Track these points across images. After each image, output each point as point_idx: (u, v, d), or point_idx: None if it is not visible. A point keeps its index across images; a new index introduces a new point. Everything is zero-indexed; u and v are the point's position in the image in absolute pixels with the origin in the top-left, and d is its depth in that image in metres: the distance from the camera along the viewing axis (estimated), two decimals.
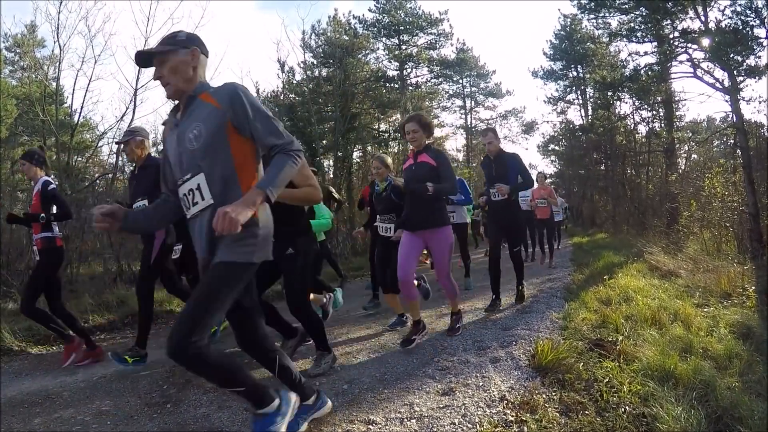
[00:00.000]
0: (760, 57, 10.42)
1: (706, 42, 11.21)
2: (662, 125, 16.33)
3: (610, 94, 16.57)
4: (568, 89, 22.64)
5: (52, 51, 11.72)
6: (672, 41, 12.68)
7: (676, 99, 15.57)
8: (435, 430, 2.06)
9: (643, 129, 17.47)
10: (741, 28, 10.38)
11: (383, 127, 17.76)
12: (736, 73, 10.66)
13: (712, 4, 11.19)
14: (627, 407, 2.13)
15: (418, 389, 2.52)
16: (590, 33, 19.39)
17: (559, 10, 25.58)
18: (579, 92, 22.34)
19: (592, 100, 20.76)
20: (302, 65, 14.93)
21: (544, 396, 2.32)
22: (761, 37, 10.28)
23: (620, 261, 7.05)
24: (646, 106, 16.22)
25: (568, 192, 22.13)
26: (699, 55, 11.86)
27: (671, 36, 12.75)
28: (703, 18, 11.42)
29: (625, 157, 17.82)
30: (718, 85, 11.27)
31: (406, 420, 2.16)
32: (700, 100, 28.61)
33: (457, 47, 22.69)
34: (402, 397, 2.44)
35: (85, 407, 2.58)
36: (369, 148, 16.96)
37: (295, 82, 14.31)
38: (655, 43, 13.47)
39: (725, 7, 11.50)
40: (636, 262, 6.64)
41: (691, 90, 41.05)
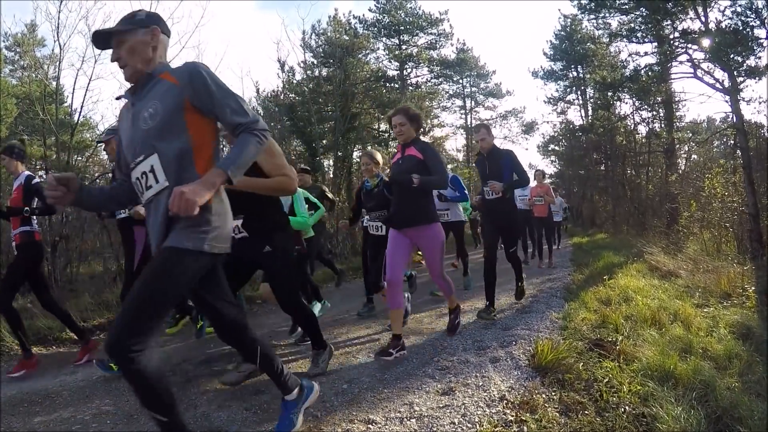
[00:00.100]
0: (760, 57, 10.42)
1: (706, 42, 11.21)
2: (662, 126, 16.33)
3: (610, 94, 16.55)
4: (568, 89, 22.65)
5: (52, 50, 11.76)
6: (672, 42, 12.68)
7: (677, 99, 15.59)
8: (435, 429, 2.06)
9: (643, 129, 17.50)
10: (741, 28, 10.38)
11: (383, 127, 17.72)
12: (736, 73, 10.65)
13: (713, 4, 11.19)
14: (627, 407, 2.13)
15: (418, 389, 2.53)
16: (590, 33, 19.40)
17: (559, 10, 25.57)
18: (579, 92, 22.36)
19: (592, 100, 20.77)
20: (302, 65, 14.93)
21: (543, 396, 2.32)
22: (761, 38, 10.28)
23: (620, 261, 7.06)
24: (646, 106, 16.22)
25: (568, 192, 22.11)
26: (699, 55, 11.87)
27: (671, 36, 12.75)
28: (703, 18, 11.42)
29: (625, 158, 17.81)
30: (718, 85, 11.27)
31: (405, 419, 2.16)
32: (700, 100, 28.70)
33: (457, 47, 22.72)
34: (402, 396, 2.44)
35: (85, 406, 2.58)
36: (369, 148, 16.92)
37: (295, 81, 14.31)
38: (656, 44, 13.47)
39: (725, 7, 11.59)
40: (636, 262, 6.64)
41: (691, 90, 41.03)
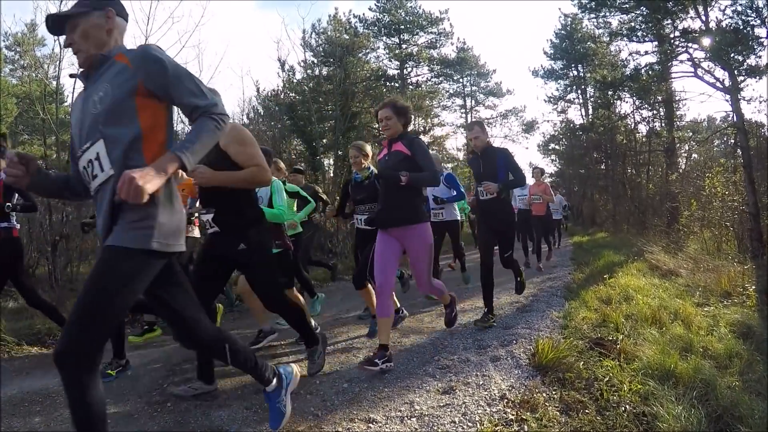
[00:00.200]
0: (760, 57, 10.41)
1: (706, 41, 11.20)
2: (663, 125, 16.32)
3: (610, 93, 16.54)
4: (569, 88, 22.64)
5: (52, 50, 11.79)
6: (672, 41, 12.66)
7: (677, 98, 15.56)
8: (435, 428, 2.06)
9: (643, 128, 17.48)
10: (741, 27, 10.37)
11: None
12: (736, 72, 10.65)
13: (713, 3, 11.18)
14: (627, 406, 2.13)
15: (419, 388, 2.53)
16: (591, 32, 19.36)
17: (559, 9, 25.70)
18: (579, 91, 22.33)
19: (592, 99, 20.76)
20: (302, 64, 14.93)
21: (544, 395, 2.32)
22: (762, 37, 10.27)
23: (620, 260, 7.06)
24: (646, 105, 16.20)
25: (569, 191, 22.08)
26: (699, 54, 11.86)
27: (672, 35, 12.73)
28: (703, 17, 11.41)
29: (625, 157, 17.79)
30: (718, 84, 11.26)
31: (406, 418, 2.17)
32: (700, 99, 28.55)
33: (457, 46, 22.68)
34: (402, 395, 2.44)
35: None
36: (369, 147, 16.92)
37: (295, 81, 14.30)
38: (656, 43, 13.45)
39: (726, 6, 11.53)
40: (636, 261, 6.64)
41: (691, 89, 41.02)
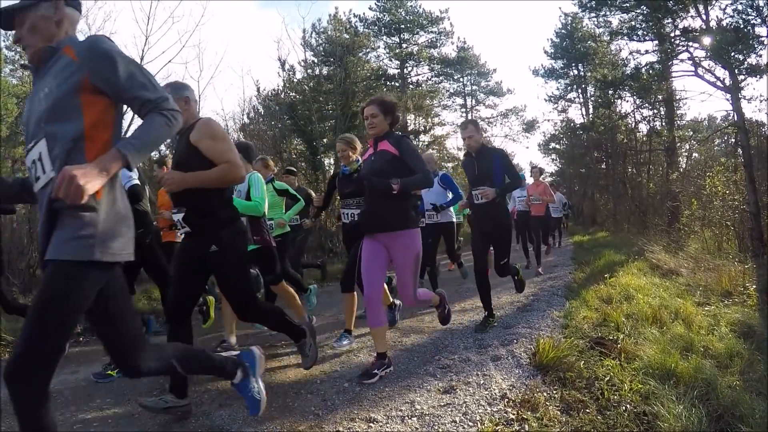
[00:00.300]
0: (761, 56, 10.41)
1: (707, 40, 11.19)
2: (663, 124, 16.29)
3: (611, 92, 16.53)
4: (569, 88, 22.60)
5: None
6: (673, 40, 12.64)
7: (677, 98, 15.53)
8: (436, 428, 2.06)
9: (644, 127, 17.42)
10: (742, 26, 10.36)
11: None
12: (737, 71, 10.64)
13: (713, 2, 11.17)
14: (628, 405, 2.13)
15: (419, 387, 2.53)
16: (591, 31, 19.31)
17: (560, 8, 25.68)
18: (580, 91, 22.29)
19: (593, 98, 20.70)
20: (303, 64, 14.94)
21: (545, 394, 2.32)
22: (762, 36, 10.27)
23: (621, 259, 7.05)
24: (647, 104, 16.17)
25: (569, 191, 22.08)
26: (700, 53, 11.85)
27: (672, 34, 12.71)
28: (704, 16, 11.40)
29: (626, 156, 17.77)
30: (719, 83, 11.26)
31: (407, 418, 2.17)
32: (701, 98, 28.53)
33: (457, 46, 22.65)
34: (403, 395, 2.44)
35: (87, 406, 2.58)
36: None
37: (295, 80, 14.31)
38: (656, 42, 13.42)
39: (726, 5, 11.49)
40: (637, 260, 6.63)
41: (692, 89, 40.78)
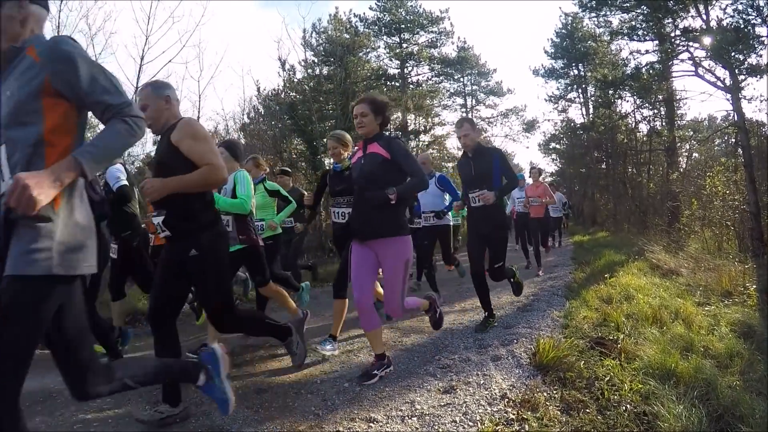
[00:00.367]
0: (761, 55, 10.39)
1: (707, 40, 11.18)
2: (663, 124, 16.29)
3: (611, 92, 16.53)
4: (569, 87, 22.58)
5: None
6: (673, 40, 12.64)
7: (678, 97, 15.51)
8: (436, 428, 2.07)
9: (644, 127, 17.41)
10: (742, 26, 10.35)
11: None
12: (737, 71, 10.63)
13: (714, 2, 11.15)
14: (628, 405, 2.13)
15: (420, 387, 2.53)
16: (591, 31, 19.31)
17: (560, 8, 25.69)
18: (580, 90, 22.27)
19: (593, 98, 20.69)
20: (303, 63, 14.90)
21: (545, 394, 2.33)
22: (762, 36, 10.26)
23: (621, 259, 7.05)
24: (647, 104, 16.16)
25: (569, 191, 22.09)
26: (700, 53, 11.83)
27: (672, 34, 12.71)
28: (704, 16, 11.39)
29: (626, 156, 17.77)
30: (719, 83, 11.24)
31: (407, 418, 2.17)
32: (701, 98, 28.35)
33: (458, 45, 22.60)
34: (403, 395, 2.45)
35: (87, 406, 2.58)
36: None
37: (296, 80, 14.28)
38: (657, 42, 13.42)
39: (727, 5, 11.49)
40: (637, 260, 6.63)
41: (692, 88, 40.66)
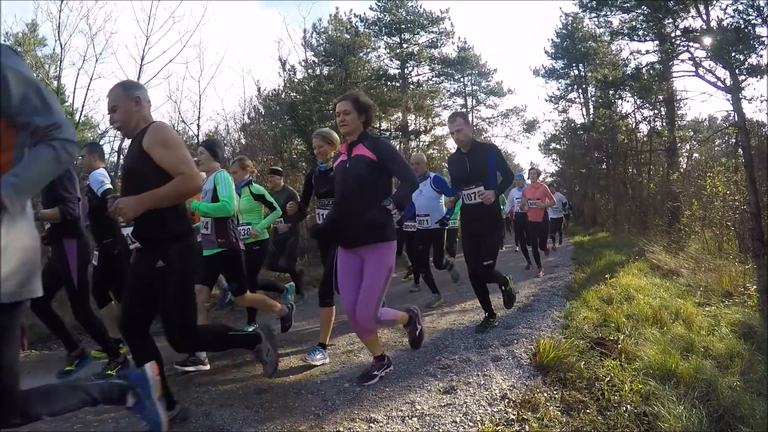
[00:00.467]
0: (761, 56, 10.43)
1: (707, 41, 11.20)
2: (664, 124, 16.30)
3: (611, 92, 16.55)
4: (570, 88, 22.55)
5: (53, 50, 11.70)
6: (673, 40, 12.66)
7: (678, 98, 15.52)
8: (436, 428, 2.07)
9: (644, 128, 17.43)
10: (743, 26, 10.37)
11: (384, 125, 17.74)
12: (737, 71, 10.65)
13: (714, 2, 11.19)
14: (628, 406, 2.13)
15: (420, 387, 2.53)
16: (592, 31, 19.30)
17: (560, 8, 25.62)
18: (580, 91, 22.24)
19: (593, 98, 20.67)
20: (303, 64, 14.90)
21: (545, 394, 2.33)
22: (763, 36, 10.29)
23: (621, 260, 7.05)
24: (647, 104, 16.18)
25: (570, 191, 22.08)
26: (701, 53, 11.87)
27: (673, 35, 12.73)
28: (704, 16, 11.41)
29: (626, 156, 17.77)
30: (719, 84, 11.26)
31: (407, 418, 2.17)
32: (701, 99, 28.35)
33: (458, 46, 22.61)
34: (403, 395, 2.45)
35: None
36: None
37: (296, 80, 14.29)
38: (657, 42, 13.43)
39: (727, 5, 11.50)
40: (637, 261, 6.63)
41: (692, 89, 40.59)
